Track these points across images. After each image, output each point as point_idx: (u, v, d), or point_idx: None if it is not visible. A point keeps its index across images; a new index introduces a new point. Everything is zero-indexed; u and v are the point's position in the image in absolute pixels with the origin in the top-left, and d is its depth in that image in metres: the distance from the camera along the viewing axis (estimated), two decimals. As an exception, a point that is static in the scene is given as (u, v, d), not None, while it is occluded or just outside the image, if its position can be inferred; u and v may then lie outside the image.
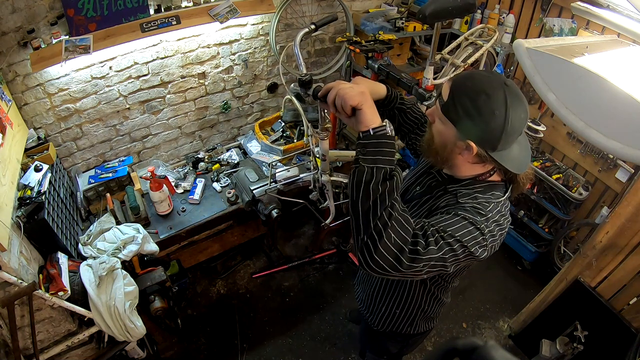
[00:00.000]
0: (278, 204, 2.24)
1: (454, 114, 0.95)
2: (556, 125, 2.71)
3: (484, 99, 0.91)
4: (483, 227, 0.95)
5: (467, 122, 0.93)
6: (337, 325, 2.54)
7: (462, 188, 1.05)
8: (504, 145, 0.95)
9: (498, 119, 0.91)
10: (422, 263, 0.87)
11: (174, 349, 2.35)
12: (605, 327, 1.99)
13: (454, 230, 0.92)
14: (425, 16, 1.93)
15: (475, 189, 1.03)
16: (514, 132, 0.94)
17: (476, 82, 0.94)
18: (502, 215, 1.01)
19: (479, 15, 2.93)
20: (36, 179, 1.79)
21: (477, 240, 0.94)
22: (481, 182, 1.04)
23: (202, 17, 2.24)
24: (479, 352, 0.65)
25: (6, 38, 1.81)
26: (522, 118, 0.94)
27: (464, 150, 0.98)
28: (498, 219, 0.99)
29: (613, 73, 1.51)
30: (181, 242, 2.37)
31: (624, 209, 1.80)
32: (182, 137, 2.75)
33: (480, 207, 0.98)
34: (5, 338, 1.56)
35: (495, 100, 0.91)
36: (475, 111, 0.92)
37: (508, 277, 2.93)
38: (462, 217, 0.95)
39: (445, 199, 1.07)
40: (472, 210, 0.97)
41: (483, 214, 0.97)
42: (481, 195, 1.01)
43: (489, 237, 0.95)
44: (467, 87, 0.94)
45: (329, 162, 1.80)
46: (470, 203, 1.00)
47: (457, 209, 0.99)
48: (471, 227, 0.94)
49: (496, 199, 1.02)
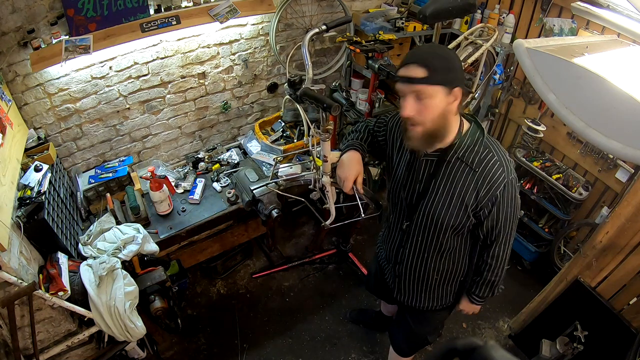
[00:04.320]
0: (278, 204, 2.23)
1: (439, 76, 1.10)
2: (556, 125, 2.71)
3: (442, 49, 1.18)
4: (512, 176, 1.23)
5: (450, 74, 1.12)
6: (337, 325, 2.54)
7: (459, 151, 1.23)
8: (462, 75, 1.19)
9: (455, 55, 1.19)
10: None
11: (174, 349, 2.35)
12: (605, 327, 1.99)
13: (514, 222, 1.31)
14: (425, 16, 1.93)
15: (466, 145, 1.23)
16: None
17: (423, 48, 1.25)
18: (498, 144, 1.27)
19: (479, 15, 2.94)
20: (36, 179, 1.78)
21: (519, 197, 1.27)
22: (463, 136, 1.23)
23: (202, 17, 2.24)
24: (479, 352, 0.65)
25: (6, 38, 1.81)
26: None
27: (454, 101, 1.15)
28: (501, 149, 1.25)
29: (613, 73, 1.51)
30: (181, 242, 2.36)
31: (624, 209, 1.80)
32: (182, 137, 2.75)
33: (492, 162, 1.21)
34: (5, 338, 1.56)
35: (443, 46, 1.25)
36: (448, 61, 1.12)
37: (508, 277, 2.92)
38: (508, 202, 1.24)
39: (459, 173, 1.25)
40: (497, 174, 1.21)
41: (500, 164, 1.21)
42: (475, 146, 1.22)
43: (513, 170, 1.24)
44: (429, 52, 1.15)
45: (330, 163, 1.80)
46: (484, 167, 1.21)
47: (493, 193, 1.22)
48: (515, 201, 1.26)
49: (483, 137, 1.24)
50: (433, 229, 1.35)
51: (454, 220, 1.29)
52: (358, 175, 1.37)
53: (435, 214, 1.31)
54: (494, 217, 1.26)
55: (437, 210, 1.30)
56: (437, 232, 1.35)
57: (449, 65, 1.11)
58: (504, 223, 1.27)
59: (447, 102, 1.14)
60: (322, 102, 1.39)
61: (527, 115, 2.87)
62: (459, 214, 1.27)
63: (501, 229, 1.29)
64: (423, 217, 1.36)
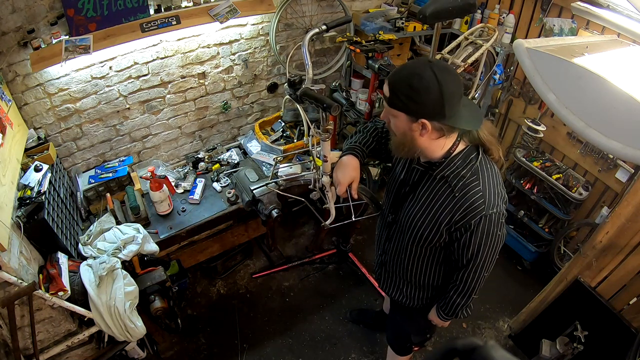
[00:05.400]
0: (278, 204, 2.23)
1: (399, 103, 1.09)
2: (556, 125, 2.71)
3: (416, 79, 1.05)
4: (493, 211, 1.15)
5: (411, 105, 1.08)
6: (337, 325, 2.54)
7: (445, 170, 1.19)
8: (450, 111, 1.07)
9: (433, 91, 1.04)
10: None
11: (174, 349, 2.35)
12: (605, 327, 1.99)
13: (489, 256, 1.26)
14: (425, 16, 1.93)
15: (455, 166, 1.18)
16: (453, 97, 1.06)
17: (405, 70, 1.10)
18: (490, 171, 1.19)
19: (479, 15, 2.93)
20: (36, 179, 1.78)
21: (500, 234, 1.21)
22: (454, 157, 1.18)
23: (202, 17, 2.24)
24: (479, 352, 0.65)
25: (6, 38, 1.81)
26: (455, 83, 1.08)
27: (421, 130, 1.11)
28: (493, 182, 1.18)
29: (613, 73, 1.51)
30: (181, 242, 2.36)
31: (624, 209, 1.80)
32: (182, 137, 2.75)
33: (475, 191, 1.15)
34: (5, 338, 1.56)
35: (426, 77, 1.04)
36: (414, 92, 1.06)
37: (508, 277, 2.93)
38: (482, 237, 1.18)
39: (440, 191, 1.22)
40: (476, 204, 1.15)
41: (482, 195, 1.15)
42: (463, 170, 1.17)
43: (500, 206, 1.17)
44: (401, 76, 1.09)
45: (330, 163, 1.80)
46: (465, 193, 1.16)
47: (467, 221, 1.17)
48: (492, 235, 1.19)
49: (476, 162, 1.17)
50: (409, 234, 1.36)
51: (427, 233, 1.29)
52: (353, 181, 1.39)
53: (412, 222, 1.32)
54: (466, 244, 1.22)
55: (413, 219, 1.31)
56: (412, 238, 1.35)
57: (414, 98, 1.06)
58: (475, 253, 1.23)
59: (410, 127, 1.12)
60: (322, 102, 1.39)
61: (527, 115, 2.87)
62: (432, 228, 1.26)
63: (472, 258, 1.25)
64: (402, 219, 1.38)
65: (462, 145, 1.19)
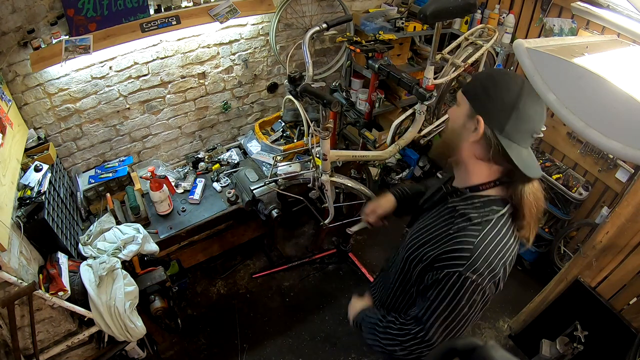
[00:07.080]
0: (278, 204, 2.23)
1: (471, 89, 0.99)
2: (556, 125, 2.71)
3: (503, 77, 0.96)
4: (471, 277, 0.94)
5: (481, 94, 0.96)
6: (337, 325, 2.54)
7: (460, 202, 1.03)
8: (512, 128, 0.92)
9: (510, 95, 0.92)
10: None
11: (174, 349, 2.35)
12: (605, 327, 1.99)
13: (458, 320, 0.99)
14: (425, 16, 1.92)
15: (472, 204, 1.00)
16: (524, 120, 0.92)
17: (499, 69, 1.08)
18: (499, 238, 0.98)
19: (479, 15, 2.94)
20: (36, 179, 1.79)
21: (476, 299, 0.98)
22: (479, 196, 1.01)
23: (202, 17, 2.24)
24: (479, 352, 0.65)
25: (6, 38, 1.81)
26: (537, 111, 0.94)
27: (473, 130, 0.96)
28: (495, 250, 0.98)
29: (613, 73, 1.51)
30: (181, 242, 2.37)
31: (624, 209, 1.80)
32: (182, 137, 2.75)
33: (466, 240, 0.96)
34: (5, 338, 1.56)
35: (512, 81, 0.94)
36: (491, 84, 0.95)
37: (508, 277, 2.92)
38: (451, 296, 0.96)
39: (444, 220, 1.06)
40: (458, 254, 0.96)
41: (471, 251, 0.94)
42: (474, 212, 0.98)
43: (485, 279, 0.97)
44: (491, 71, 1.04)
45: (329, 162, 1.80)
46: (455, 239, 0.98)
47: (442, 269, 0.97)
48: (463, 297, 0.96)
49: (494, 215, 0.98)
50: (404, 251, 1.18)
51: (413, 257, 1.11)
52: (377, 207, 1.46)
53: (410, 239, 1.16)
54: (427, 289, 1.02)
55: (412, 237, 1.16)
56: (404, 257, 1.17)
57: (488, 89, 0.95)
58: (429, 304, 0.99)
59: (464, 123, 0.99)
60: (322, 98, 1.39)
61: (527, 115, 2.87)
62: (418, 255, 1.08)
63: (424, 306, 1.01)
64: (407, 234, 1.23)
65: (496, 191, 1.00)
